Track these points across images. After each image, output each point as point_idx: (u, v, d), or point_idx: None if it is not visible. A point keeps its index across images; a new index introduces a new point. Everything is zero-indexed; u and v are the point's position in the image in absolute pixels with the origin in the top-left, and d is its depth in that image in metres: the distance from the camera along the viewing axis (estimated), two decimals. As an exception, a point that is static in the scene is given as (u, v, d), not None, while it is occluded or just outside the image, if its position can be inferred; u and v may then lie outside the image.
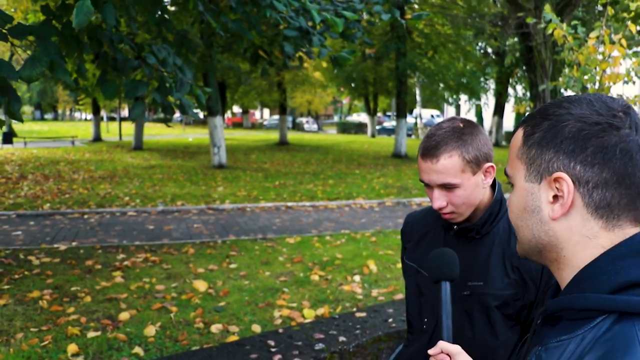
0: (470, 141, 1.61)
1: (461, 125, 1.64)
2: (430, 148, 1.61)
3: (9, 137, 24.18)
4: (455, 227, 1.76)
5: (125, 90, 4.75)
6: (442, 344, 1.30)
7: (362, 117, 51.30)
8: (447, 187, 1.62)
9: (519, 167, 0.93)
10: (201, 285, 5.63)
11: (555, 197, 0.87)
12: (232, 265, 6.49)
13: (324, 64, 27.37)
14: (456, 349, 1.28)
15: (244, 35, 6.29)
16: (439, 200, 1.63)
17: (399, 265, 6.56)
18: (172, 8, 7.44)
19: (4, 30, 3.89)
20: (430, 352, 1.32)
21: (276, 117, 52.38)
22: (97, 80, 5.15)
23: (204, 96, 5.44)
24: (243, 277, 6.04)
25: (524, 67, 19.60)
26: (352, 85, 31.46)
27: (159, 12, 5.65)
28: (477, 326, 1.71)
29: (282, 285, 5.76)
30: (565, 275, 0.90)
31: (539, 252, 0.93)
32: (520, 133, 0.94)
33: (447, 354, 1.28)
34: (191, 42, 6.03)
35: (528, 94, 26.54)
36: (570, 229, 0.87)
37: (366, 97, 36.39)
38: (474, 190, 1.64)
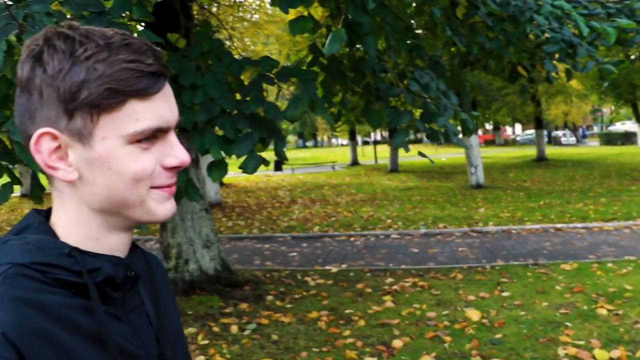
0: None
1: None
2: None
3: (279, 165, 26.71)
4: None
5: (388, 120, 4.82)
6: None
7: (627, 126, 45.95)
8: None
9: None
10: (474, 314, 5.37)
11: None
12: (505, 294, 6.10)
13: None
14: None
15: (502, 54, 5.99)
16: None
17: None
18: (421, 32, 7.40)
19: (271, 75, 4.21)
20: None
21: (529, 131, 49.83)
22: (362, 110, 5.33)
23: (472, 120, 5.27)
24: (518, 307, 5.63)
25: None
26: (617, 91, 28.42)
27: (412, 39, 5.67)
28: None
29: (564, 319, 5.23)
30: None
31: None
32: None
33: None
34: (444, 67, 5.93)
35: None
36: None
37: (633, 102, 32.51)
38: None
